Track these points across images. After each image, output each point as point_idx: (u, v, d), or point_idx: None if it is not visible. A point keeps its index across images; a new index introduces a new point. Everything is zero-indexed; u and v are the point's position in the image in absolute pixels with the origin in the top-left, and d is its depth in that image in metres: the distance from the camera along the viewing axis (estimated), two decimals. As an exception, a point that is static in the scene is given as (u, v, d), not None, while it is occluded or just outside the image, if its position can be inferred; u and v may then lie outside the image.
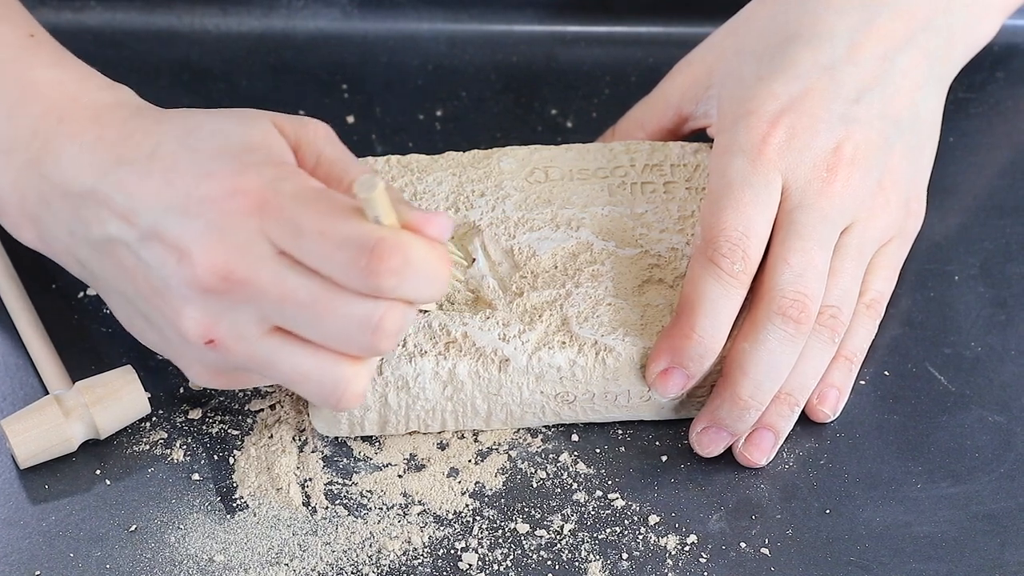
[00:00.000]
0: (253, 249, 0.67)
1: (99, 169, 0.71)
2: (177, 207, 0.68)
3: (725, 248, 0.75)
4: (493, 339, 0.76)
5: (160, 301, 0.70)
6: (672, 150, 0.83)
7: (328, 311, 0.67)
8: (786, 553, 0.75)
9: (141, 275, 0.70)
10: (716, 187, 0.77)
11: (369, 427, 0.77)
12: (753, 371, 0.75)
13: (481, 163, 0.82)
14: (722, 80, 0.82)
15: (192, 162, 0.69)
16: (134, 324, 0.74)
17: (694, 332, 0.75)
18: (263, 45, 0.98)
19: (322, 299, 0.67)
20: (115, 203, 0.70)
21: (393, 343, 0.68)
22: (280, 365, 0.69)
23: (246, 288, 0.67)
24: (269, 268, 0.67)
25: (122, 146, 0.71)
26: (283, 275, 0.67)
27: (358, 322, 0.67)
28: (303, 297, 0.67)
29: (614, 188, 0.81)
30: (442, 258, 0.68)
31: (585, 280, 0.78)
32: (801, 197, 0.76)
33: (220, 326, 0.68)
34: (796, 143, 0.77)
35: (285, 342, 0.69)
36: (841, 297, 0.77)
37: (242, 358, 0.69)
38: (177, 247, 0.68)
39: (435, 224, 0.68)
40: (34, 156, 0.72)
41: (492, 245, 0.79)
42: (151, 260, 0.69)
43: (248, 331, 0.68)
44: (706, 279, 0.75)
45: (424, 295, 0.68)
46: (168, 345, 0.72)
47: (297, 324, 0.68)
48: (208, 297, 0.68)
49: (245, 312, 0.68)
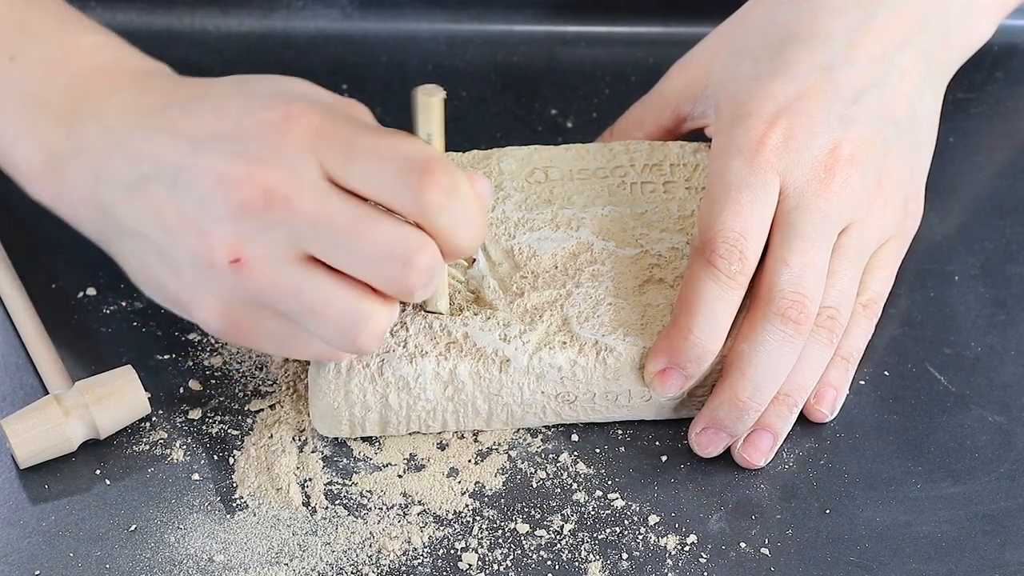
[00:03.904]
0: (299, 169, 0.68)
1: (142, 116, 0.71)
2: (226, 134, 0.69)
3: (723, 249, 0.75)
4: (494, 339, 0.76)
5: (186, 228, 0.69)
6: (672, 150, 0.83)
7: (364, 236, 0.67)
8: (786, 553, 0.75)
9: (171, 206, 0.70)
10: (714, 188, 0.77)
11: (370, 427, 0.77)
12: (752, 372, 0.75)
13: (481, 163, 0.82)
14: (720, 80, 0.82)
15: (245, 99, 0.70)
16: (146, 269, 0.73)
17: (692, 333, 0.75)
18: (263, 45, 0.98)
19: (360, 223, 0.67)
20: (154, 145, 0.70)
21: (422, 282, 0.68)
22: (303, 293, 0.69)
23: (285, 206, 0.67)
24: (313, 189, 0.67)
25: (168, 95, 0.72)
26: (325, 197, 0.67)
27: (392, 251, 0.67)
28: (341, 221, 0.67)
29: (614, 188, 0.81)
30: (482, 210, 0.69)
31: (585, 280, 0.78)
32: (799, 198, 0.76)
33: (250, 245, 0.68)
34: (794, 144, 0.77)
35: (312, 270, 0.69)
36: (839, 298, 0.77)
37: (265, 283, 0.69)
38: (219, 169, 0.68)
39: (480, 180, 0.70)
40: (72, 110, 0.73)
41: (492, 245, 0.79)
42: (187, 186, 0.69)
43: (278, 253, 0.68)
44: (704, 280, 0.75)
45: (461, 233, 0.68)
46: (182, 283, 0.71)
47: (330, 249, 0.68)
48: (243, 215, 0.68)
49: (279, 233, 0.68)
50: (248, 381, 0.81)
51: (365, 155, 0.67)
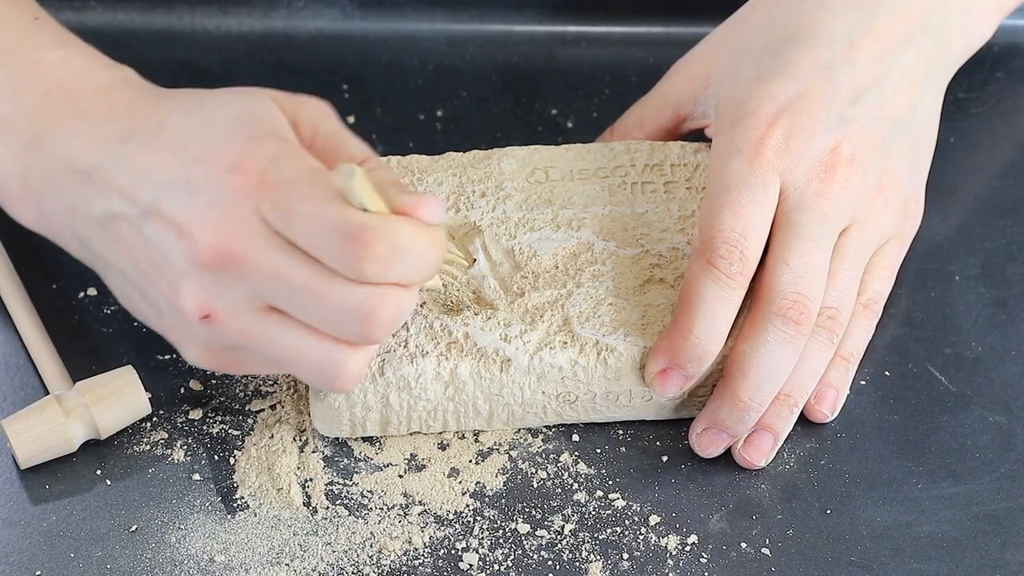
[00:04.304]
0: (250, 227, 0.67)
1: (105, 145, 0.71)
2: (180, 183, 0.68)
3: (723, 249, 0.75)
4: (495, 339, 0.76)
5: (158, 276, 0.70)
6: (672, 150, 0.83)
7: (320, 296, 0.67)
8: (787, 553, 0.75)
9: (141, 250, 0.70)
10: (714, 188, 0.77)
11: (371, 428, 0.77)
12: (753, 373, 0.75)
13: (481, 163, 0.82)
14: (720, 80, 0.82)
15: (196, 137, 0.69)
16: (131, 301, 0.73)
17: (692, 333, 0.75)
18: (263, 45, 0.98)
19: (314, 284, 0.67)
20: (119, 179, 0.70)
21: (386, 332, 0.68)
22: (275, 343, 0.69)
23: (241, 265, 0.67)
24: (264, 247, 0.67)
25: (128, 121, 0.71)
26: (277, 256, 0.67)
27: (349, 310, 0.67)
28: (296, 280, 0.67)
29: (614, 188, 0.81)
30: (432, 240, 0.68)
31: (586, 280, 0.78)
32: (799, 198, 0.76)
33: (216, 301, 0.69)
34: (794, 144, 0.77)
35: (281, 321, 0.69)
36: (840, 298, 0.77)
37: (237, 334, 0.69)
38: (177, 223, 0.68)
39: (426, 207, 0.68)
40: (39, 133, 0.72)
41: (493, 245, 0.79)
42: (152, 235, 0.69)
43: (243, 307, 0.69)
44: (704, 280, 0.75)
45: (414, 278, 0.68)
46: (164, 322, 0.72)
47: (290, 306, 0.68)
48: (205, 272, 0.68)
49: (241, 289, 0.68)
50: (249, 381, 0.81)
51: (303, 222, 0.67)
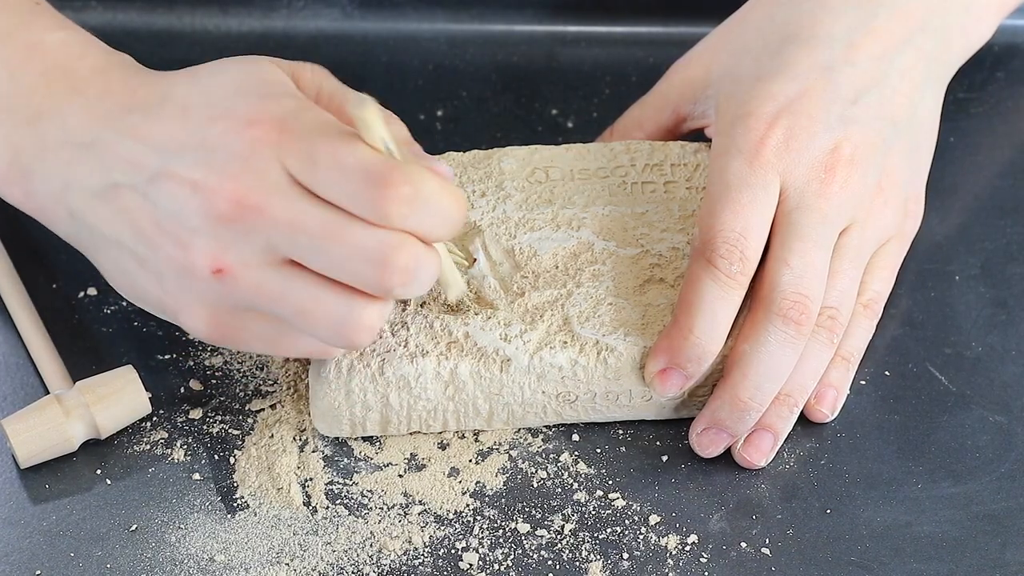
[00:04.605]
0: (268, 177, 0.67)
1: (104, 119, 0.71)
2: (192, 145, 0.68)
3: (723, 249, 0.75)
4: (495, 339, 0.76)
5: (164, 239, 0.69)
6: (672, 150, 0.83)
7: (338, 240, 0.67)
8: (787, 553, 0.75)
9: (145, 215, 0.70)
10: (714, 189, 0.77)
11: (371, 427, 0.77)
12: (753, 373, 0.75)
13: (481, 163, 0.82)
14: (719, 80, 0.82)
15: (206, 102, 0.69)
16: (127, 276, 0.72)
17: (692, 333, 0.75)
18: (264, 45, 0.98)
19: (332, 229, 0.67)
20: (122, 149, 0.70)
21: (401, 282, 0.68)
22: (289, 296, 0.69)
23: (259, 215, 0.67)
24: (282, 196, 0.67)
25: (128, 98, 0.71)
26: (296, 203, 0.67)
27: (367, 254, 0.67)
28: (313, 226, 0.67)
29: (615, 188, 0.81)
30: (454, 197, 0.68)
31: (586, 280, 0.78)
32: (800, 198, 0.76)
33: (230, 254, 0.68)
34: (794, 144, 0.77)
35: (296, 273, 0.68)
36: (840, 298, 0.77)
37: (250, 289, 0.69)
38: (192, 180, 0.68)
39: (440, 167, 0.69)
40: (35, 111, 0.72)
41: (493, 245, 0.79)
42: (160, 198, 0.69)
43: (259, 260, 0.68)
44: (704, 280, 0.75)
45: (436, 229, 0.68)
46: (166, 289, 0.71)
47: (307, 254, 0.68)
48: (220, 225, 0.68)
49: (257, 240, 0.68)
50: (249, 381, 0.81)
51: (326, 166, 0.67)
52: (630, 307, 0.77)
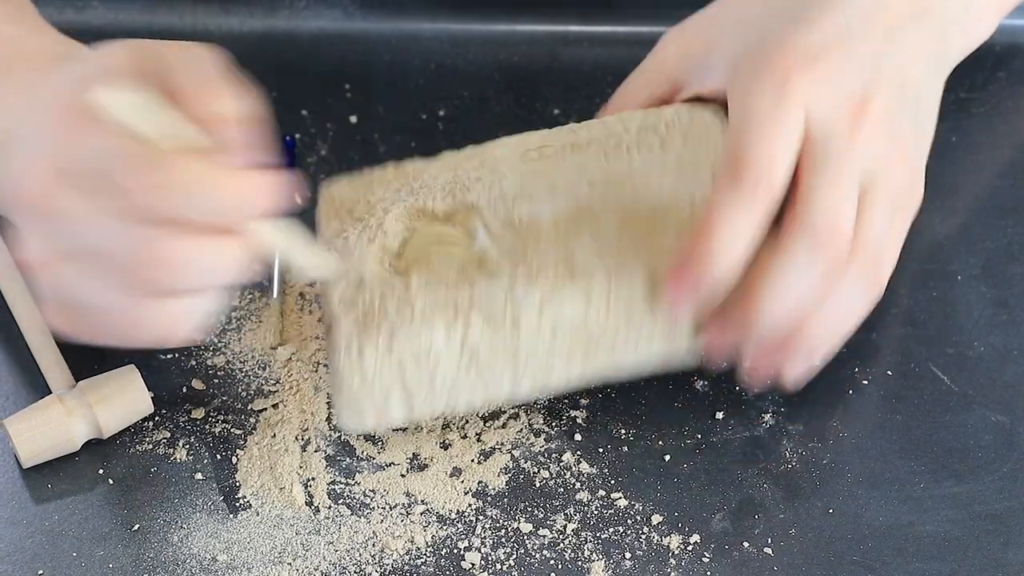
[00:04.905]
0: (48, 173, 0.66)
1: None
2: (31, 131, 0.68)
3: (748, 172, 0.73)
4: (501, 301, 0.74)
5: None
6: (666, 112, 0.82)
7: (96, 239, 0.66)
8: (789, 552, 0.75)
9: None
10: (739, 123, 0.74)
11: (396, 413, 0.75)
12: (773, 290, 0.73)
13: (476, 155, 0.81)
14: (728, 45, 0.80)
15: (59, 89, 0.68)
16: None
17: (711, 245, 0.72)
18: (265, 45, 0.98)
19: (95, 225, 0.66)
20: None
21: (172, 275, 0.66)
22: (80, 292, 0.67)
23: (43, 212, 0.66)
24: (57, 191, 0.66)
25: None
26: (64, 200, 0.66)
27: (122, 255, 0.66)
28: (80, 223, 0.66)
29: (609, 151, 0.80)
30: (231, 178, 0.65)
31: (588, 236, 0.76)
32: (828, 133, 0.74)
33: (30, 249, 0.68)
34: (822, 83, 0.74)
35: (81, 270, 0.67)
36: (879, 243, 0.75)
37: (51, 284, 0.68)
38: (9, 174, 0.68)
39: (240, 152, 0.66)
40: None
41: (493, 220, 0.78)
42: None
43: (48, 255, 0.67)
44: (727, 196, 0.73)
45: (207, 216, 0.65)
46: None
47: (80, 253, 0.67)
48: (21, 224, 0.67)
49: (46, 236, 0.67)
50: (251, 380, 0.81)
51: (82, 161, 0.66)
52: (635, 254, 0.75)
